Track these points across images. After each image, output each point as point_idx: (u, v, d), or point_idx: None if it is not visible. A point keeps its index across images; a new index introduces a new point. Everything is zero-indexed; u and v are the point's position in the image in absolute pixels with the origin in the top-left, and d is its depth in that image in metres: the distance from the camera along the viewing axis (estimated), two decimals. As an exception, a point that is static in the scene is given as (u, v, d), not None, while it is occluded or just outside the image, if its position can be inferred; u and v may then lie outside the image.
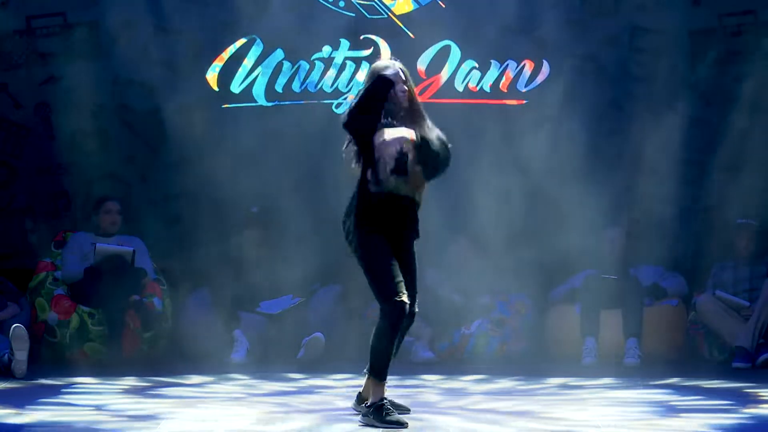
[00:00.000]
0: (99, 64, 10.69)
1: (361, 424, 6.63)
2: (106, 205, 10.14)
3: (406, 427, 6.52)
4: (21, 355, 8.63)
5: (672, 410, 7.30)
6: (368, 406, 6.65)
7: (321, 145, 10.26)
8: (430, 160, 6.74)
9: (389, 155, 6.67)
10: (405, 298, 6.64)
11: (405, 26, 10.64)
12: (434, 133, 6.82)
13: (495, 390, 8.31)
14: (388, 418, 6.55)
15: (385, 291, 6.64)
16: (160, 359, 9.89)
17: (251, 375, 8.96)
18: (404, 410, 6.91)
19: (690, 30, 10.73)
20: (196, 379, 8.76)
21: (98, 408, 7.33)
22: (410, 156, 6.70)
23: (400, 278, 6.67)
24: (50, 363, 9.63)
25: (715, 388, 8.30)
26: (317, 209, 10.22)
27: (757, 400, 7.72)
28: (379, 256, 6.67)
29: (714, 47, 10.73)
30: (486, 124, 10.33)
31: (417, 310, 6.93)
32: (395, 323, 6.64)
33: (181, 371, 9.07)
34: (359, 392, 6.96)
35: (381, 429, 6.52)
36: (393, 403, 6.82)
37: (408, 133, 6.75)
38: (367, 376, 6.84)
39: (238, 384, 8.57)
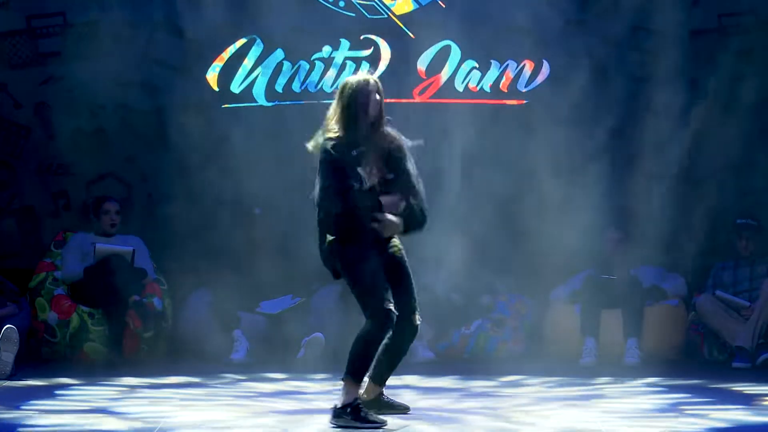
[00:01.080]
0: (99, 64, 10.67)
1: (333, 425, 6.59)
2: (105, 206, 10.14)
3: (384, 426, 6.52)
4: (7, 356, 8.63)
5: (672, 410, 7.30)
6: (342, 407, 6.59)
7: (321, 145, 10.24)
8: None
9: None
10: (392, 307, 6.61)
11: (405, 26, 10.64)
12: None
13: (495, 390, 8.31)
14: (367, 417, 6.55)
15: (370, 301, 6.62)
16: (160, 359, 9.88)
17: (251, 375, 8.96)
18: (403, 409, 6.90)
19: (690, 30, 10.73)
20: (196, 379, 8.76)
21: (98, 408, 7.33)
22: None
23: (386, 287, 6.64)
24: (50, 363, 9.63)
25: (715, 388, 8.30)
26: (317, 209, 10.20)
27: (757, 400, 7.72)
28: (365, 269, 6.65)
29: (714, 47, 10.73)
30: (486, 124, 10.33)
31: (419, 322, 6.89)
32: (380, 330, 6.62)
33: (181, 371, 9.06)
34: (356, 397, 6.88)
35: (360, 429, 6.51)
36: (392, 402, 6.82)
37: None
38: (368, 381, 6.81)
39: (238, 384, 8.57)
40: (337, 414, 6.58)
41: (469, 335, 10.13)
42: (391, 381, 7.03)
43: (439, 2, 10.65)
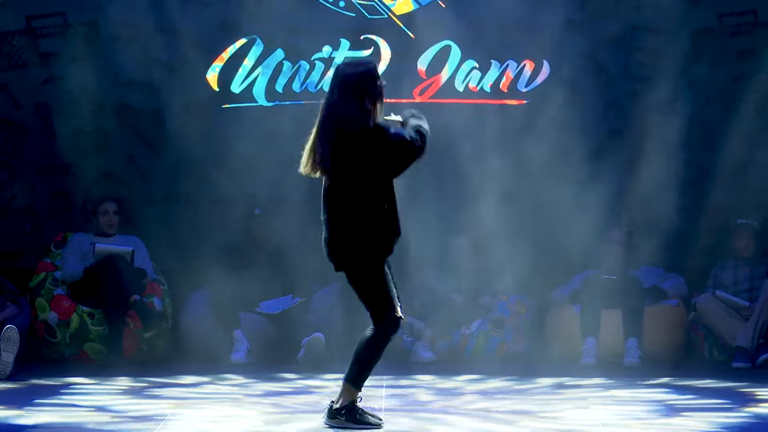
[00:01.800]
0: (99, 64, 10.68)
1: (327, 425, 6.59)
2: (103, 207, 10.14)
3: (380, 426, 6.53)
4: (8, 356, 8.63)
5: (672, 410, 7.30)
6: (337, 409, 6.58)
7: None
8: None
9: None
10: (401, 313, 6.64)
11: (405, 26, 10.64)
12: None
13: (494, 390, 8.31)
14: (363, 419, 6.55)
15: (384, 308, 6.60)
16: (160, 359, 9.88)
17: (251, 375, 8.96)
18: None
19: (690, 30, 10.72)
20: (196, 379, 8.76)
21: (98, 408, 7.33)
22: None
23: (395, 293, 6.65)
24: (50, 363, 9.63)
25: (715, 388, 8.30)
26: (317, 209, 10.20)
27: (756, 400, 7.72)
28: (381, 276, 6.62)
29: (714, 47, 10.73)
30: (486, 124, 10.33)
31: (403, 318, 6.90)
32: (389, 337, 6.62)
33: (181, 371, 9.07)
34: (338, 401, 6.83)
35: (356, 428, 6.52)
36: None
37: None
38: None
39: (238, 384, 8.57)
40: (332, 414, 6.59)
41: (469, 335, 10.12)
42: (392, 381, 7.02)
43: (439, 2, 10.64)
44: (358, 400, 6.63)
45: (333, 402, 6.61)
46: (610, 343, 9.80)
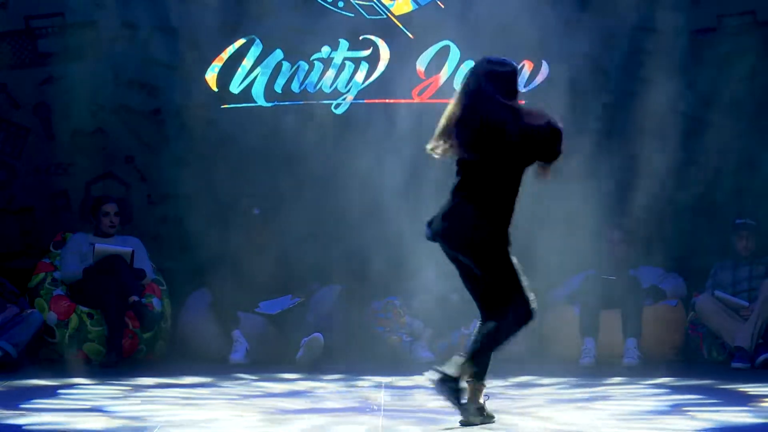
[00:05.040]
0: (98, 64, 10.69)
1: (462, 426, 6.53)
2: (104, 207, 10.14)
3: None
4: None
5: (671, 410, 7.30)
6: (478, 408, 6.52)
7: (320, 146, 10.27)
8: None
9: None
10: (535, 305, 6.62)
11: (404, 26, 10.63)
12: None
13: (494, 390, 8.30)
14: (460, 395, 6.52)
15: (517, 297, 6.59)
16: (159, 360, 9.89)
17: (250, 376, 8.96)
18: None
19: (690, 30, 10.72)
20: (195, 379, 8.76)
21: (97, 409, 7.33)
22: None
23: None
24: (49, 363, 9.63)
25: (714, 389, 8.29)
26: (317, 209, 10.23)
27: (756, 400, 7.71)
28: (511, 264, 6.65)
29: (714, 47, 10.73)
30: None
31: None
32: (520, 327, 6.60)
33: (181, 372, 9.07)
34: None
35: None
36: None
37: None
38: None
39: (237, 385, 8.57)
40: (473, 413, 6.50)
41: (468, 335, 10.11)
42: (391, 381, 7.01)
43: (438, 2, 10.64)
44: (484, 397, 6.59)
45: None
46: (609, 343, 9.80)
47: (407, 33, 10.60)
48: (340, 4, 10.64)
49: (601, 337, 9.82)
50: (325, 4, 10.65)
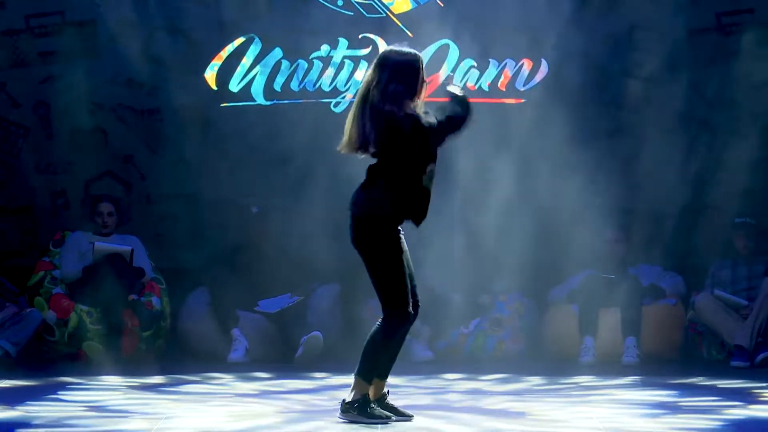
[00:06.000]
0: (97, 64, 10.69)
1: (341, 419, 6.63)
2: (99, 207, 10.15)
3: (390, 421, 6.56)
4: None
5: (670, 409, 7.30)
6: (349, 402, 6.63)
7: (319, 144, 10.25)
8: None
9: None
10: (411, 308, 6.64)
11: (403, 25, 10.63)
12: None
13: (492, 389, 8.31)
14: (374, 412, 6.59)
15: (397, 299, 6.61)
16: (158, 358, 9.88)
17: (250, 374, 8.96)
18: (407, 416, 6.86)
19: (689, 30, 10.72)
20: (194, 378, 8.76)
21: (96, 407, 7.33)
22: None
23: (409, 287, 6.65)
24: (48, 362, 9.63)
25: (714, 387, 8.29)
26: (316, 208, 10.22)
27: (755, 399, 7.72)
28: (398, 262, 6.61)
29: (713, 47, 10.73)
30: (484, 123, 10.30)
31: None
32: (397, 331, 6.64)
33: (180, 370, 9.07)
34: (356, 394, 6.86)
35: (366, 423, 6.54)
36: (396, 408, 6.78)
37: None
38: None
39: (236, 383, 8.57)
40: (345, 409, 6.64)
41: (467, 334, 10.12)
42: (391, 380, 7.02)
43: (438, 1, 10.64)
44: (386, 393, 6.69)
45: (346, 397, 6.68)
46: (609, 342, 9.80)
47: (406, 31, 10.59)
48: (340, 2, 10.64)
49: (600, 335, 9.82)
50: (325, 3, 10.65)
